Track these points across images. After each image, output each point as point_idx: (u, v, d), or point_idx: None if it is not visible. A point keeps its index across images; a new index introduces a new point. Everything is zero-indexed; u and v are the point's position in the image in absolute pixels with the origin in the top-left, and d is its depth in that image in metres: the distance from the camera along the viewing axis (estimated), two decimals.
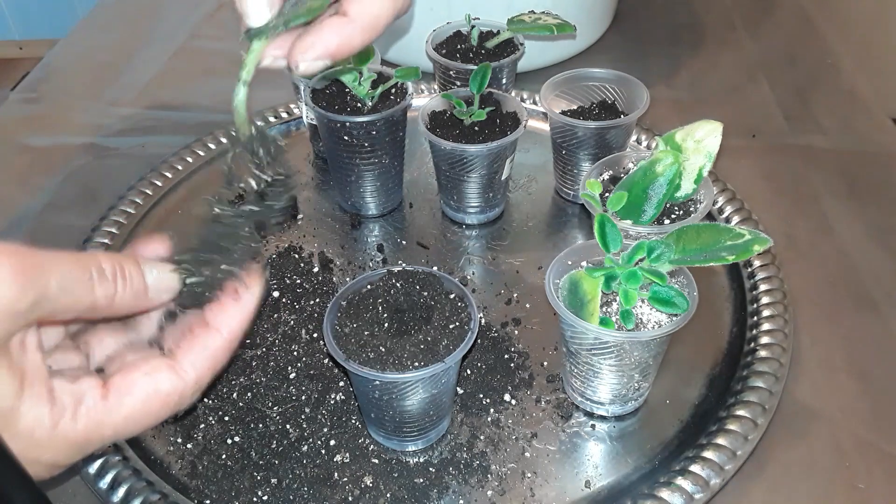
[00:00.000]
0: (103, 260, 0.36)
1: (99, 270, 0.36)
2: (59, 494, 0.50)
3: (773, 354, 0.55)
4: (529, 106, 0.80)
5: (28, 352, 0.34)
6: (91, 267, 0.35)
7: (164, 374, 0.37)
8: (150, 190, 0.72)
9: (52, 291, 0.33)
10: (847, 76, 0.89)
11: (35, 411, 0.33)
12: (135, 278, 0.38)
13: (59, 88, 0.92)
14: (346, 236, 0.70)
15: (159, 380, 0.37)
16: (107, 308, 0.36)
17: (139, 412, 0.36)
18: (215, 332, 0.39)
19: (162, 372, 0.37)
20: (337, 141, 0.66)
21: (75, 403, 0.34)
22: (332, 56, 0.41)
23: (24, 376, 0.33)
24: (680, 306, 0.47)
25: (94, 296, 0.35)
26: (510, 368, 0.56)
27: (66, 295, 0.34)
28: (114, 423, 0.36)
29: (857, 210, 0.70)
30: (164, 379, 0.37)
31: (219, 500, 0.49)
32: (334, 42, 0.41)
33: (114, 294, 0.36)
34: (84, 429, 0.35)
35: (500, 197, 0.70)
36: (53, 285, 0.33)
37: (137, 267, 0.38)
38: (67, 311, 0.35)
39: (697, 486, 0.47)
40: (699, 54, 0.95)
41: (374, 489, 0.49)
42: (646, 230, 0.55)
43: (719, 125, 0.57)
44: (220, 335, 0.39)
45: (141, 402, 0.36)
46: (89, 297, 0.35)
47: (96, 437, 0.35)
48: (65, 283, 0.34)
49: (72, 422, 0.34)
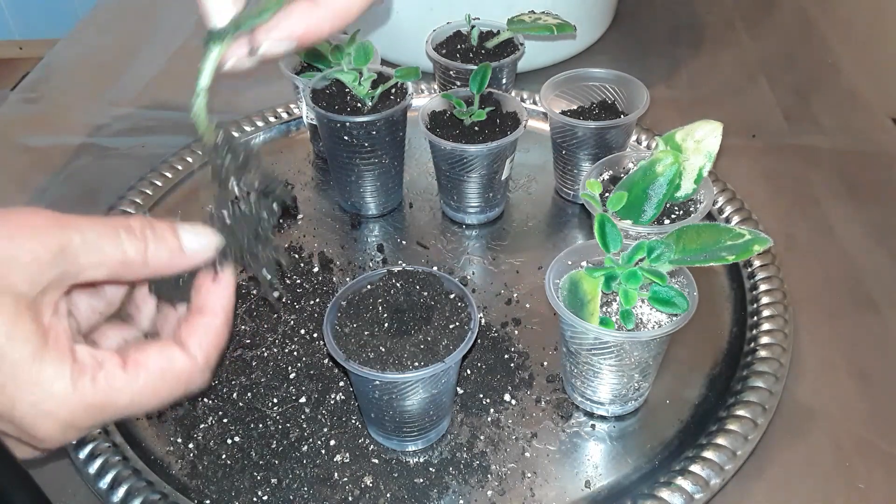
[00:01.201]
0: (133, 220, 0.37)
1: (127, 228, 0.36)
2: (59, 494, 0.50)
3: (773, 354, 0.55)
4: (529, 106, 0.80)
5: (58, 315, 0.35)
6: (119, 226, 0.36)
7: (177, 352, 0.38)
8: (150, 190, 0.72)
9: (76, 244, 0.34)
10: (847, 76, 0.89)
11: (57, 365, 0.34)
12: (168, 236, 0.38)
13: (59, 88, 0.92)
14: (346, 236, 0.70)
15: (173, 357, 0.38)
16: (141, 265, 0.37)
17: (154, 385, 0.37)
18: (210, 314, 0.40)
19: (175, 350, 0.38)
20: (337, 141, 0.66)
21: (95, 367, 0.35)
22: (299, 40, 0.40)
23: (48, 332, 0.34)
24: (680, 306, 0.47)
25: (123, 251, 0.36)
26: (510, 368, 0.56)
27: (93, 250, 0.35)
28: (131, 391, 0.36)
29: (857, 210, 0.70)
30: (178, 356, 0.38)
31: (219, 500, 0.49)
32: (301, 26, 0.40)
33: (145, 249, 0.37)
34: (103, 393, 0.35)
35: (500, 197, 0.70)
36: (77, 239, 0.34)
37: (170, 226, 0.38)
38: (98, 266, 0.35)
39: (697, 486, 0.47)
40: (699, 54, 0.95)
41: (374, 489, 0.49)
42: (646, 230, 0.55)
43: (719, 125, 0.57)
44: (216, 315, 0.40)
45: (156, 375, 0.37)
46: (118, 252, 0.36)
47: (113, 404, 0.35)
48: (90, 237, 0.35)
49: (91, 384, 0.34)
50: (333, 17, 0.41)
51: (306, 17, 0.40)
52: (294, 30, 0.40)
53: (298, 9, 0.40)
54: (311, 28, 0.40)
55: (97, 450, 0.50)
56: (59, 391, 0.33)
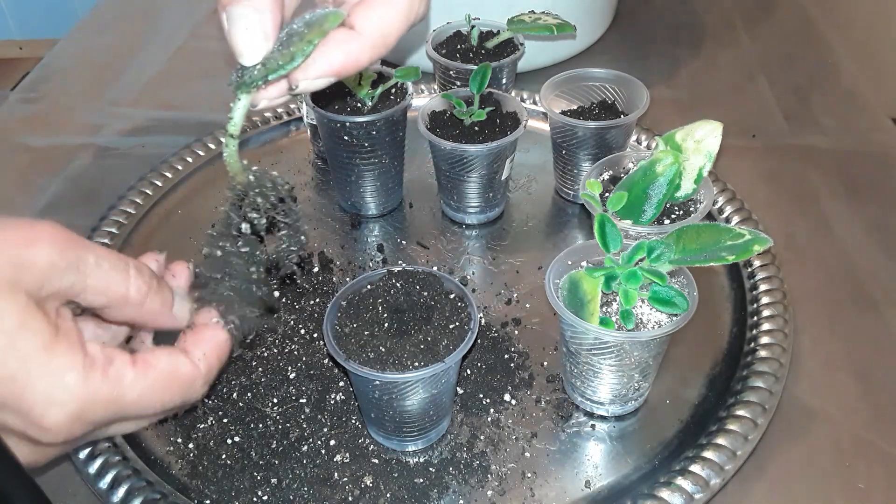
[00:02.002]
0: (142, 263, 0.39)
1: (137, 267, 0.38)
2: (59, 494, 0.50)
3: (773, 354, 0.55)
4: (529, 106, 0.80)
5: (63, 317, 0.35)
6: (130, 263, 0.37)
7: (183, 357, 0.39)
8: (150, 190, 0.72)
9: (89, 264, 0.35)
10: (847, 76, 0.89)
11: (69, 356, 0.34)
12: (165, 290, 0.40)
13: (59, 88, 0.92)
14: (346, 236, 0.70)
15: (179, 361, 0.38)
16: (137, 306, 0.38)
17: (162, 385, 0.37)
18: (216, 328, 0.41)
19: (180, 356, 0.39)
20: (337, 141, 0.66)
21: (105, 362, 0.35)
22: (337, 74, 0.39)
23: (58, 327, 0.34)
24: (680, 306, 0.47)
25: (128, 287, 0.37)
26: (510, 368, 0.56)
27: (103, 275, 0.36)
28: (140, 388, 0.36)
29: (856, 210, 0.70)
30: (183, 362, 0.39)
31: (219, 500, 0.49)
32: (339, 59, 0.38)
33: (146, 293, 0.38)
34: (112, 387, 0.35)
35: (500, 197, 0.70)
36: (91, 259, 0.35)
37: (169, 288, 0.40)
38: (101, 293, 0.36)
39: (697, 486, 0.47)
40: (699, 54, 0.95)
41: (374, 489, 0.49)
42: (646, 230, 0.55)
43: (719, 125, 0.57)
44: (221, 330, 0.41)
45: (164, 376, 0.37)
46: (124, 286, 0.37)
47: (121, 398, 0.36)
48: (102, 263, 0.36)
49: (102, 378, 0.35)
50: (372, 46, 0.39)
51: (344, 50, 0.38)
52: (332, 66, 0.38)
53: (335, 40, 0.38)
54: (349, 61, 0.38)
55: (97, 450, 0.50)
56: (71, 382, 0.34)
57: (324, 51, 0.38)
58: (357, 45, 0.38)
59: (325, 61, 0.38)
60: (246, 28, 0.37)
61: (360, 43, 0.38)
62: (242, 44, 0.37)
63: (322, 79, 0.39)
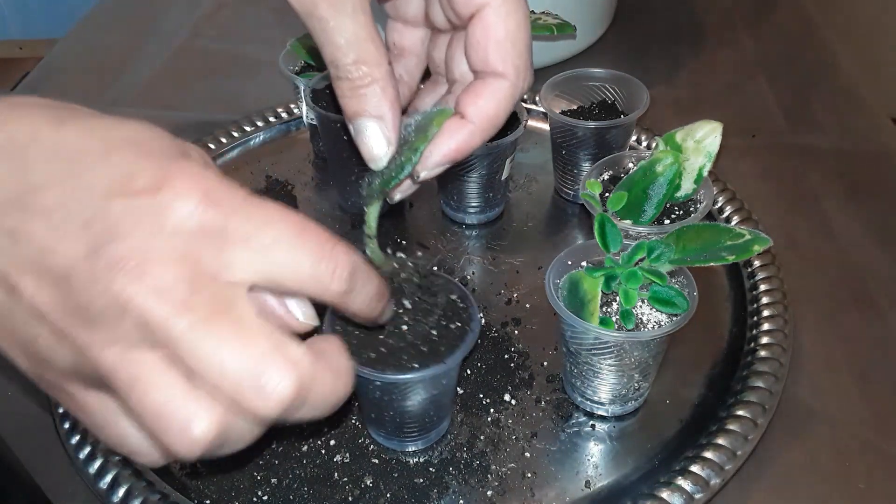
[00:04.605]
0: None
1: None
2: (59, 494, 0.50)
3: (773, 354, 0.55)
4: (529, 106, 0.80)
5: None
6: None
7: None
8: None
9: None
10: (847, 76, 0.89)
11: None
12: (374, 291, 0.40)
13: (59, 88, 0.92)
14: (346, 236, 0.69)
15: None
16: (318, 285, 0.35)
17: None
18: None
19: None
20: (337, 141, 0.66)
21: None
22: (453, 160, 0.42)
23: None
24: (680, 306, 0.47)
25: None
26: (510, 368, 0.56)
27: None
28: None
29: (856, 210, 0.70)
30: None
31: (219, 500, 0.49)
32: (452, 148, 0.41)
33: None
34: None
35: (500, 197, 0.70)
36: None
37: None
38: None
39: (697, 486, 0.47)
40: (699, 54, 0.95)
41: (374, 489, 0.49)
42: (646, 230, 0.55)
43: (719, 125, 0.57)
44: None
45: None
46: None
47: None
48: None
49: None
50: (482, 130, 0.41)
51: (456, 137, 0.41)
52: (447, 154, 0.41)
53: (448, 130, 0.41)
54: (462, 149, 0.41)
55: (97, 450, 0.50)
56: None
57: (438, 142, 0.41)
58: (468, 133, 0.41)
59: (439, 153, 0.41)
60: (371, 136, 0.41)
61: (470, 130, 0.41)
62: (369, 152, 0.41)
63: (440, 167, 0.42)
